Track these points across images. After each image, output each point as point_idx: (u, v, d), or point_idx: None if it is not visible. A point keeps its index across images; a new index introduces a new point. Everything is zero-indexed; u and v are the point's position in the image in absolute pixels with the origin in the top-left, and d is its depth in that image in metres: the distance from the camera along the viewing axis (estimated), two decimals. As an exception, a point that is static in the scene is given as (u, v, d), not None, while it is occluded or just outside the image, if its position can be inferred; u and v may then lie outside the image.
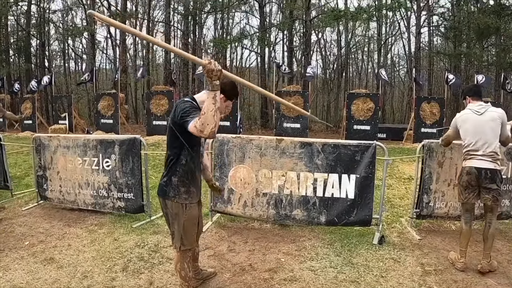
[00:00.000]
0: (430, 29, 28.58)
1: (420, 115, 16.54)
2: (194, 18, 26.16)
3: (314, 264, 4.80)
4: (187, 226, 3.50)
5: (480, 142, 4.59)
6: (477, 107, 4.73)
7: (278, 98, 3.86)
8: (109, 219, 6.41)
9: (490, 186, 4.57)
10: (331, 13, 21.94)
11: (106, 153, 6.38)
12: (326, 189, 5.54)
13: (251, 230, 6.00)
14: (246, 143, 5.78)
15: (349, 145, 5.50)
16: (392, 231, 6.03)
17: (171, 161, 3.42)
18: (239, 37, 25.68)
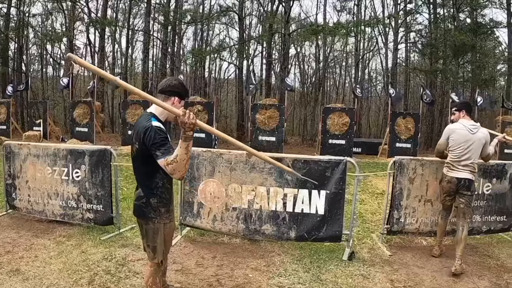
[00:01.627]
0: (407, 46, 29.00)
1: (395, 130, 16.71)
2: (174, 28, 26.14)
3: (283, 280, 4.76)
4: (167, 241, 3.54)
5: (465, 156, 5.23)
6: (471, 125, 5.28)
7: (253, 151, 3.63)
8: (77, 230, 6.29)
9: (466, 193, 5.28)
10: (309, 28, 22.19)
11: (76, 163, 6.26)
12: (296, 204, 5.52)
13: (221, 244, 5.94)
14: (216, 157, 5.73)
15: (320, 161, 5.50)
16: (363, 246, 6.05)
17: (147, 182, 3.40)
18: (217, 49, 25.73)
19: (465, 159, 5.25)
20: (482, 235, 6.56)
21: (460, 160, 5.28)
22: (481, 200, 6.24)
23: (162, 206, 3.41)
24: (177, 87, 3.41)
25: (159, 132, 3.11)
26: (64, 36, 26.64)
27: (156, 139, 3.07)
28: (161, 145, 3.05)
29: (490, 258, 5.78)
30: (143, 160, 3.30)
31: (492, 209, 6.35)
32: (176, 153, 2.94)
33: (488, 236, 6.66)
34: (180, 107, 3.36)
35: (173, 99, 3.35)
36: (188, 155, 2.95)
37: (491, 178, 6.23)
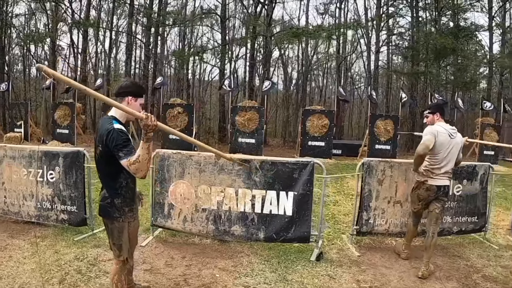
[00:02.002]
0: (389, 48, 29.21)
1: (374, 132, 16.86)
2: (156, 30, 26.17)
3: (249, 280, 4.83)
4: (132, 239, 3.69)
5: (445, 161, 5.15)
6: (451, 129, 5.18)
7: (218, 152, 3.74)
8: (52, 231, 6.31)
9: (443, 198, 5.28)
10: (290, 30, 22.32)
11: (51, 165, 6.28)
12: (264, 205, 5.58)
13: (191, 245, 5.99)
14: (186, 159, 5.79)
15: (287, 162, 5.57)
16: (332, 247, 6.12)
17: (111, 182, 3.51)
18: (198, 51, 25.76)
19: (445, 165, 5.16)
20: (453, 236, 6.63)
21: (441, 167, 5.15)
22: (452, 201, 6.31)
23: (126, 206, 3.53)
24: (129, 87, 3.53)
25: (121, 134, 3.24)
26: (46, 37, 26.47)
27: (119, 141, 3.20)
28: (123, 147, 3.18)
29: (460, 259, 5.85)
30: (107, 162, 3.40)
31: (463, 210, 6.43)
32: (138, 153, 3.08)
33: (460, 237, 6.73)
34: (139, 105, 3.51)
35: (127, 99, 3.47)
36: (149, 155, 3.12)
37: (461, 180, 6.31)
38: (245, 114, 16.44)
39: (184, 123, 16.79)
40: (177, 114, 16.71)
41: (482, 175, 6.46)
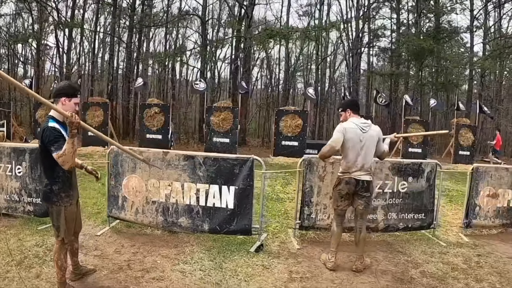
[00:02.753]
0: (370, 50, 29.48)
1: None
2: (139, 31, 26.50)
3: (186, 267, 5.19)
4: (69, 221, 4.15)
5: (360, 157, 5.10)
6: (362, 124, 5.12)
7: (120, 146, 4.18)
8: (19, 222, 6.68)
9: (364, 194, 5.20)
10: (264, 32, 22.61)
11: (18, 160, 6.65)
12: (208, 199, 5.92)
13: (143, 235, 6.35)
14: (137, 155, 6.07)
15: (228, 158, 5.92)
16: (276, 240, 6.39)
17: (49, 172, 4.01)
18: (176, 52, 25.98)
19: (361, 160, 5.10)
20: (401, 232, 6.80)
21: (357, 163, 5.11)
22: (397, 198, 6.55)
23: (63, 192, 4.07)
24: (63, 88, 4.02)
25: (53, 132, 3.78)
26: (30, 37, 26.61)
27: (51, 137, 3.75)
28: (54, 142, 3.72)
29: (402, 254, 6.03)
30: (45, 155, 3.92)
31: (409, 207, 6.62)
32: (65, 147, 3.62)
33: (409, 233, 6.89)
34: (73, 104, 3.98)
35: (62, 100, 3.94)
36: (74, 149, 3.66)
37: (406, 177, 6.53)
38: (219, 114, 16.81)
39: (161, 123, 17.09)
40: (154, 114, 17.04)
41: (428, 172, 6.68)
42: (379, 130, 5.30)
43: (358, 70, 27.49)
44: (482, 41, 26.95)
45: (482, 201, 7.09)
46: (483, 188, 7.06)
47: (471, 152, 19.04)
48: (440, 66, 26.13)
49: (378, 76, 29.70)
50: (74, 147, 3.67)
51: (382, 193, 6.49)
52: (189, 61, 30.31)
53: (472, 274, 5.39)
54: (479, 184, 7.04)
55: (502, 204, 7.25)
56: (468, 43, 28.02)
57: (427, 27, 27.29)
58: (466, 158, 18.54)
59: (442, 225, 7.55)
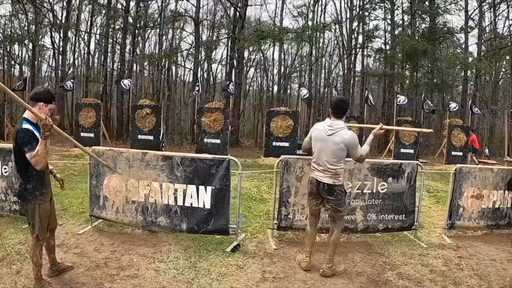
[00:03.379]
0: (363, 51, 29.50)
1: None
2: (133, 33, 26.65)
3: (161, 265, 5.31)
4: (43, 219, 4.34)
5: (322, 159, 5.09)
6: (328, 127, 5.04)
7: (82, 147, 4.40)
8: (5, 220, 6.83)
9: (328, 198, 5.13)
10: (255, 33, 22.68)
11: (5, 160, 6.77)
12: (185, 199, 6.02)
13: (123, 234, 6.47)
14: (117, 155, 6.27)
15: (205, 159, 6.02)
16: (254, 240, 6.45)
17: (23, 172, 4.22)
18: (168, 53, 26.08)
19: (319, 161, 5.13)
20: (380, 233, 6.79)
21: (317, 162, 5.19)
22: (376, 198, 6.53)
23: (37, 190, 4.27)
24: (42, 94, 4.24)
25: (27, 133, 3.97)
26: (25, 39, 26.69)
27: (25, 138, 3.94)
28: (28, 143, 3.92)
29: (380, 256, 6.04)
30: (19, 155, 4.11)
31: (389, 208, 6.58)
32: (38, 148, 3.81)
33: (390, 234, 6.88)
34: (48, 109, 4.17)
35: (39, 104, 4.16)
36: (46, 150, 3.85)
37: (386, 177, 6.50)
38: (210, 115, 16.89)
39: (152, 124, 17.19)
40: (146, 115, 17.13)
41: (409, 173, 6.62)
42: (349, 138, 4.97)
43: (352, 71, 27.51)
44: (476, 41, 26.99)
45: (466, 202, 7.04)
46: (467, 189, 7.02)
47: (464, 152, 19.05)
48: (434, 67, 26.17)
49: (372, 77, 29.70)
50: (46, 148, 3.86)
51: (361, 194, 6.48)
52: (186, 62, 30.55)
53: (451, 277, 5.41)
54: (462, 184, 6.98)
55: (487, 205, 7.20)
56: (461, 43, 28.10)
57: (422, 28, 27.32)
58: (459, 159, 18.55)
59: (425, 226, 7.59)
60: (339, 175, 5.12)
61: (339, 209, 5.19)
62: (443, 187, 11.40)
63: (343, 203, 5.26)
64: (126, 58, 26.93)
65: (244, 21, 24.12)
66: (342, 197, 5.20)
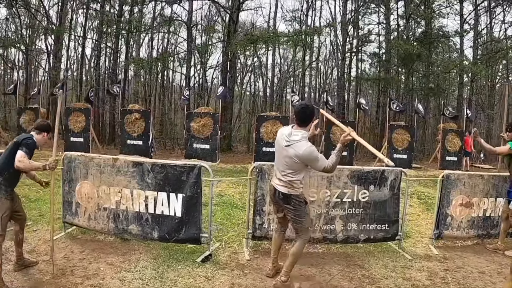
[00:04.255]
0: (358, 55, 29.46)
1: (330, 138, 17.15)
2: (126, 37, 26.64)
3: (127, 275, 5.19)
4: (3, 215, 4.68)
5: (279, 168, 4.89)
6: (286, 137, 4.77)
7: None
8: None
9: (286, 206, 4.88)
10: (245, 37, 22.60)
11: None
12: (156, 206, 5.89)
13: (95, 242, 6.36)
14: (88, 161, 6.18)
15: (176, 165, 5.89)
16: (227, 250, 6.27)
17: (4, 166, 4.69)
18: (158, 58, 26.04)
19: (279, 171, 4.90)
20: (362, 244, 6.53)
21: (276, 170, 5.01)
22: (357, 207, 6.28)
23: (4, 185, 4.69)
24: (46, 126, 5.09)
25: (34, 143, 4.79)
26: (18, 43, 26.60)
27: (30, 145, 4.69)
28: (28, 148, 4.67)
29: (359, 268, 5.80)
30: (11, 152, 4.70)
31: (371, 217, 6.34)
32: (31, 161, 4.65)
33: (372, 245, 6.64)
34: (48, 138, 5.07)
35: (44, 134, 5.01)
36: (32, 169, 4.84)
37: (367, 185, 6.26)
38: (200, 120, 16.79)
39: (141, 129, 17.02)
40: (135, 119, 16.98)
41: (392, 180, 6.37)
42: (303, 152, 4.62)
43: (346, 75, 27.44)
44: (472, 45, 26.94)
45: (455, 210, 6.80)
46: (456, 197, 6.78)
47: (459, 157, 18.92)
48: (430, 72, 26.12)
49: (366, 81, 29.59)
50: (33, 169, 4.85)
51: (340, 203, 6.23)
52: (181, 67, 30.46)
53: (434, 292, 5.18)
54: (450, 192, 6.75)
55: (477, 213, 6.99)
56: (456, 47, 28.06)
57: (417, 32, 27.29)
58: (454, 164, 18.43)
59: (412, 236, 7.37)
60: (295, 186, 4.82)
61: (300, 220, 4.92)
62: (435, 194, 11.20)
63: (303, 214, 4.93)
64: (118, 63, 26.95)
65: (237, 25, 24.09)
66: (301, 207, 4.89)
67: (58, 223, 6.87)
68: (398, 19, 27.59)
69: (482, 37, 28.04)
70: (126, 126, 17.10)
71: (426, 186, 12.53)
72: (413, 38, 25.93)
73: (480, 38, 27.62)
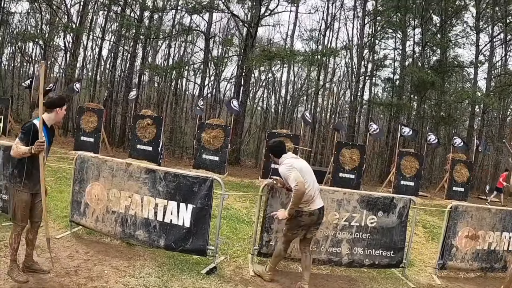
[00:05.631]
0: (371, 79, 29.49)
1: (339, 160, 17.06)
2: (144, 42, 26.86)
3: (131, 280, 5.17)
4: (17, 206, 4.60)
5: (316, 186, 5.51)
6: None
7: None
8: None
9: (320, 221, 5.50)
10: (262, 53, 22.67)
11: (3, 156, 6.69)
12: (165, 214, 5.89)
13: (100, 243, 6.36)
14: (101, 163, 6.23)
15: (188, 176, 5.91)
16: (232, 264, 6.24)
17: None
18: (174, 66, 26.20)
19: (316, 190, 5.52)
20: (367, 269, 6.52)
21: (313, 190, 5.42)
22: (364, 232, 6.28)
23: (18, 177, 4.57)
24: (56, 101, 4.73)
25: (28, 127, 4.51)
26: (37, 38, 26.86)
27: (24, 129, 4.55)
28: (22, 133, 4.52)
29: None
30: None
31: (377, 243, 6.33)
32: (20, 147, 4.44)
33: (376, 271, 6.60)
34: (64, 110, 4.82)
35: (56, 110, 4.70)
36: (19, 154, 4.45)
37: (376, 211, 6.27)
38: (211, 132, 16.76)
39: (152, 135, 17.03)
40: (147, 125, 16.99)
41: (401, 208, 6.37)
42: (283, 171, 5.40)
43: (359, 99, 27.46)
44: (486, 76, 26.91)
45: (460, 242, 6.71)
46: (462, 229, 6.69)
47: (466, 188, 18.77)
48: (442, 100, 26.08)
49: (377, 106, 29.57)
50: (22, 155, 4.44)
51: (348, 226, 6.23)
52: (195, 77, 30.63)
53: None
54: (457, 223, 6.66)
55: (482, 246, 6.87)
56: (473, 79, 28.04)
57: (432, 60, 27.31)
58: (460, 195, 18.25)
59: (416, 264, 7.30)
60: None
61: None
62: (441, 223, 11.06)
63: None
64: (135, 67, 27.10)
65: (255, 40, 24.24)
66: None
67: (64, 222, 6.95)
68: (414, 46, 27.62)
69: (496, 69, 28.01)
70: (137, 130, 17.11)
71: (432, 215, 12.44)
72: (428, 66, 25.93)
73: (494, 70, 27.57)
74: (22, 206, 4.58)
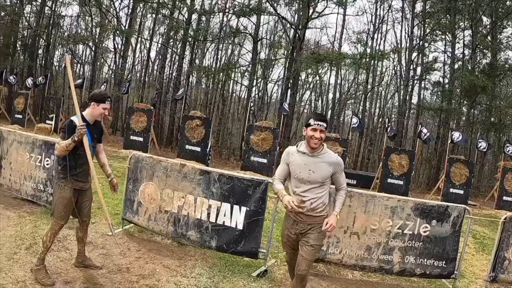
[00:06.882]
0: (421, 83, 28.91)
1: (388, 166, 16.76)
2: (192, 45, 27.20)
3: (182, 280, 5.20)
4: (58, 203, 4.60)
5: None
6: None
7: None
8: (40, 210, 7.04)
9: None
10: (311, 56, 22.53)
11: (48, 153, 7.05)
12: (218, 216, 5.91)
13: (152, 242, 6.44)
14: (156, 163, 6.31)
15: (243, 178, 5.91)
16: (283, 268, 6.13)
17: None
18: (223, 68, 26.36)
19: None
20: (417, 278, 6.31)
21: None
22: (417, 241, 6.03)
23: (62, 174, 4.60)
24: (94, 95, 4.74)
25: (69, 124, 4.49)
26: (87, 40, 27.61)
27: (64, 128, 4.53)
28: (63, 132, 4.54)
29: None
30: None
31: (430, 252, 6.07)
32: (64, 142, 4.38)
33: (427, 280, 6.39)
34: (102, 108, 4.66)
35: (92, 104, 4.63)
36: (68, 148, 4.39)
37: (430, 220, 6.01)
38: (260, 134, 16.72)
39: (201, 136, 17.11)
40: (195, 126, 17.08)
41: (455, 217, 6.06)
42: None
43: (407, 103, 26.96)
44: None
45: None
46: None
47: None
48: (493, 105, 25.31)
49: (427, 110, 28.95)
50: (68, 147, 4.36)
51: (401, 234, 6.03)
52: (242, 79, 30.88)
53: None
54: (511, 236, 6.32)
55: None
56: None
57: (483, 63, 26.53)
58: (510, 204, 17.62)
59: (466, 276, 7.02)
60: None
61: None
62: (491, 234, 10.72)
63: None
64: (183, 69, 27.50)
65: (303, 42, 24.19)
66: None
67: (116, 219, 7.04)
68: (464, 49, 26.90)
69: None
70: (186, 131, 17.24)
71: (482, 225, 12.03)
72: (478, 69, 25.23)
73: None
74: (63, 203, 4.56)
